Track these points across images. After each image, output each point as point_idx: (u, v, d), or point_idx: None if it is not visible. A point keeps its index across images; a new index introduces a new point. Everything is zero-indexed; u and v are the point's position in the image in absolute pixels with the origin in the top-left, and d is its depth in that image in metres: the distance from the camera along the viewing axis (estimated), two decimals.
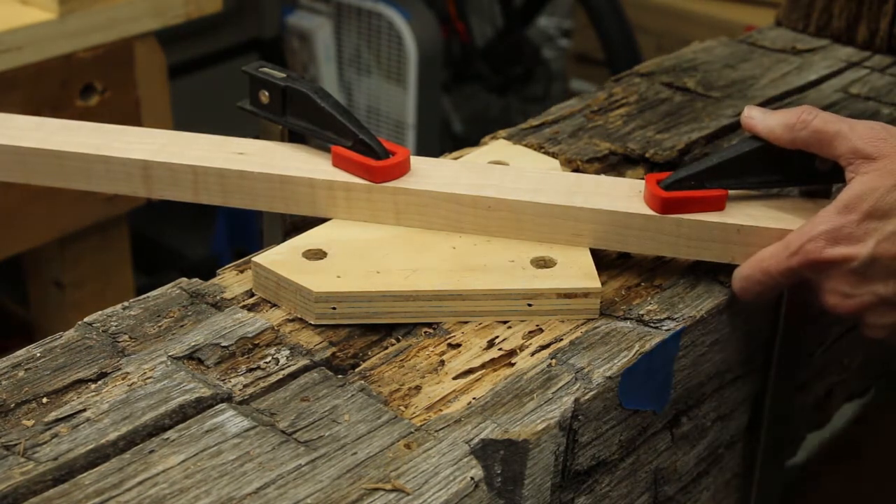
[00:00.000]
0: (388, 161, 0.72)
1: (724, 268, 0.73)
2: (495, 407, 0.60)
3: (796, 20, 1.17)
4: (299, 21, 2.56)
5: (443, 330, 0.67)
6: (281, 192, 0.73)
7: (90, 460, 0.54)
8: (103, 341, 0.63)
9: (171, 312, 0.66)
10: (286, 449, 0.56)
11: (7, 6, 1.25)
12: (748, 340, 0.77)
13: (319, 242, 0.70)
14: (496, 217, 0.72)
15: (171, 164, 0.73)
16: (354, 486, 0.54)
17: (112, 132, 0.77)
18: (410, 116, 2.51)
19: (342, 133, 0.73)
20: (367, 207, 0.73)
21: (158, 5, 1.33)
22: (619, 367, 0.64)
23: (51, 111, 1.25)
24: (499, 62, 2.90)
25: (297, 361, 0.62)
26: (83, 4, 1.26)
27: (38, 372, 0.60)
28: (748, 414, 0.82)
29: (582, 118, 0.94)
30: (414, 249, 0.71)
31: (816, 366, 0.90)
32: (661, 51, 1.32)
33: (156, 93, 1.38)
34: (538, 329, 0.67)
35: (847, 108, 0.99)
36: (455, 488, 0.55)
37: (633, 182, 0.74)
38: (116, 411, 0.57)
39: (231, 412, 0.58)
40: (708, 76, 1.03)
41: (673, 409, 0.72)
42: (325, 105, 0.73)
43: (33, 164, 0.75)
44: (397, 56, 2.49)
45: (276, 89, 0.74)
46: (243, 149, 0.75)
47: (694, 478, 0.78)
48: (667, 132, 0.92)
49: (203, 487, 0.53)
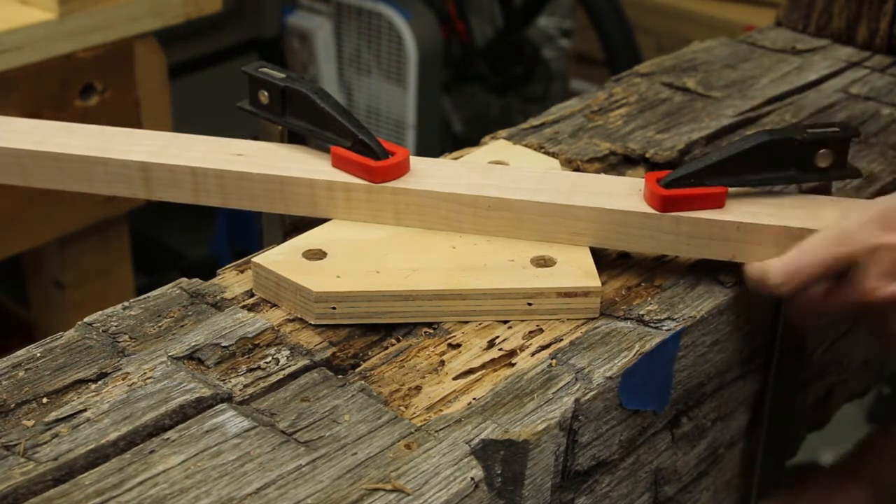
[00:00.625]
0: (387, 161, 0.72)
1: (724, 267, 0.73)
2: (495, 407, 0.60)
3: (796, 20, 1.17)
4: (299, 21, 2.56)
5: (443, 330, 0.67)
6: (280, 193, 0.73)
7: (90, 460, 0.54)
8: (103, 341, 0.63)
9: (172, 312, 0.66)
10: (286, 449, 0.56)
11: (7, 6, 1.25)
12: (748, 340, 0.77)
13: (319, 242, 0.70)
14: (496, 217, 0.72)
15: (170, 166, 0.73)
16: (355, 487, 0.54)
17: (111, 134, 0.77)
18: (410, 116, 2.51)
19: (342, 133, 0.73)
20: (366, 208, 0.73)
21: (158, 5, 1.33)
22: (620, 367, 0.64)
23: (51, 111, 1.25)
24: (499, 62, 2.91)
25: (298, 361, 0.62)
26: (83, 4, 1.26)
27: (38, 372, 0.60)
28: (748, 414, 0.82)
29: (582, 118, 0.94)
30: (414, 249, 0.71)
31: (816, 366, 0.90)
32: (661, 51, 1.32)
33: (156, 93, 1.38)
34: (538, 329, 0.67)
35: (847, 108, 0.99)
36: (455, 488, 0.55)
37: (634, 181, 0.74)
38: (117, 411, 0.57)
39: (231, 412, 0.58)
40: (708, 76, 1.03)
41: (673, 410, 0.72)
42: (325, 105, 0.73)
43: (32, 167, 0.75)
44: (397, 56, 2.49)
45: (275, 89, 0.74)
46: (242, 150, 0.75)
47: (694, 478, 0.78)
48: (667, 132, 0.92)
49: (203, 487, 0.53)
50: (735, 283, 0.73)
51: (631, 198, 0.72)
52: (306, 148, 0.76)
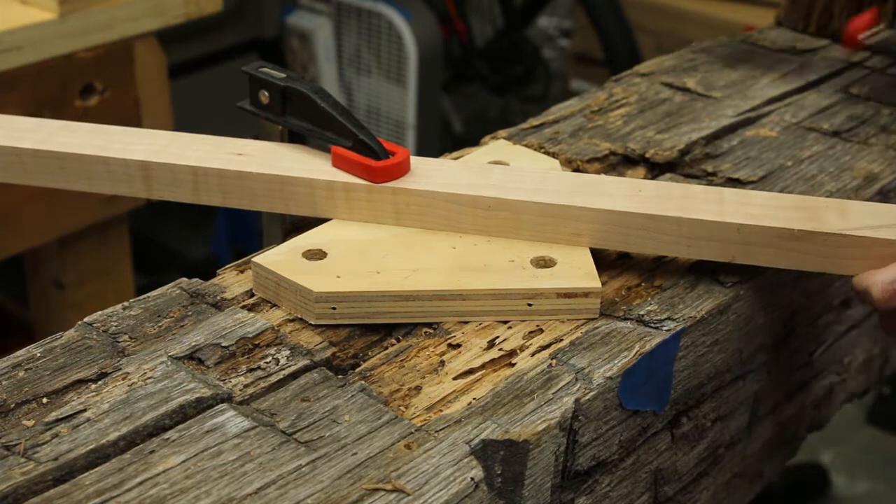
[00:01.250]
0: (387, 161, 0.72)
1: (724, 268, 0.73)
2: (495, 407, 0.60)
3: (796, 20, 1.17)
4: (299, 21, 2.56)
5: (443, 330, 0.67)
6: (281, 193, 0.73)
7: (90, 460, 0.54)
8: (103, 341, 0.63)
9: (172, 312, 0.66)
10: (286, 449, 0.56)
11: (7, 6, 1.25)
12: (748, 340, 0.77)
13: (319, 242, 0.70)
14: (496, 217, 0.72)
15: (170, 165, 0.73)
16: (355, 487, 0.54)
17: (112, 133, 0.77)
18: (410, 116, 2.51)
19: (342, 133, 0.73)
20: (366, 208, 0.73)
21: (158, 5, 1.33)
22: (620, 367, 0.64)
23: (51, 111, 1.25)
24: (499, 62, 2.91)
25: (298, 361, 0.62)
26: (83, 4, 1.26)
27: (39, 372, 0.60)
28: (748, 414, 0.82)
29: (582, 118, 0.94)
30: (414, 249, 0.71)
31: (816, 366, 0.90)
32: (661, 51, 1.32)
33: (156, 93, 1.38)
34: (538, 329, 0.67)
35: (847, 108, 0.99)
36: (455, 488, 0.55)
37: (634, 182, 0.74)
38: (117, 411, 0.57)
39: (231, 412, 0.58)
40: (708, 76, 1.03)
41: (673, 410, 0.72)
42: (325, 105, 0.73)
43: (33, 166, 0.75)
44: (397, 56, 2.49)
45: (275, 89, 0.74)
46: (243, 149, 0.75)
47: (694, 478, 0.78)
48: (667, 132, 0.92)
49: (203, 488, 0.53)
50: (735, 283, 0.73)
51: (631, 199, 0.72)
52: (307, 148, 0.76)
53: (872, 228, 0.70)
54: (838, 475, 2.17)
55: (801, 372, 0.89)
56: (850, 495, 2.15)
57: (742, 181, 0.84)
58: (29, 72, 1.23)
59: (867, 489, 2.17)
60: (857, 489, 2.17)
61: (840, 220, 0.70)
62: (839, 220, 0.70)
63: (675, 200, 0.72)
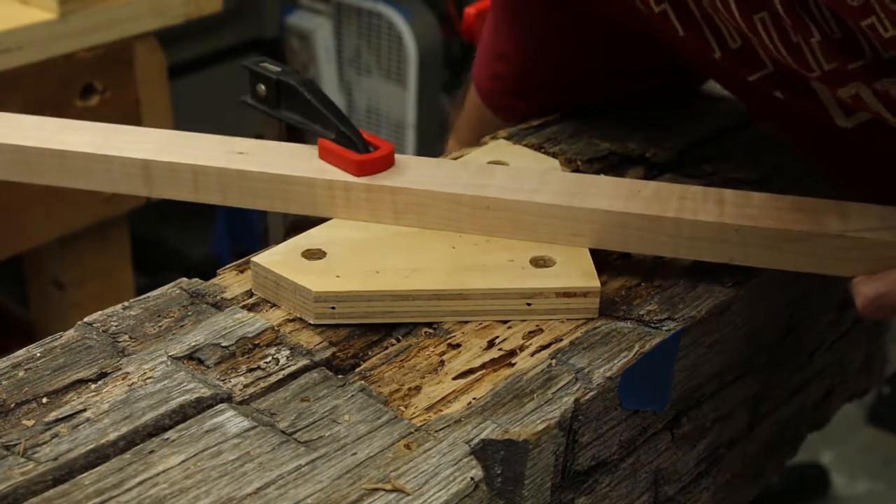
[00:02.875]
0: (370, 155, 0.72)
1: (724, 268, 0.73)
2: (495, 407, 0.60)
3: None
4: (299, 21, 2.56)
5: (443, 330, 0.67)
6: (280, 192, 0.73)
7: (90, 460, 0.54)
8: (103, 341, 0.63)
9: (172, 312, 0.66)
10: (286, 449, 0.56)
11: (7, 6, 1.25)
12: (748, 340, 0.77)
13: (319, 242, 0.70)
14: (496, 217, 0.72)
15: (171, 164, 0.74)
16: (354, 487, 0.54)
17: (113, 132, 0.77)
18: (410, 116, 2.51)
19: (327, 126, 0.73)
20: (366, 207, 0.73)
21: (158, 5, 1.33)
22: (620, 367, 0.64)
23: (51, 111, 1.24)
24: None
25: (298, 361, 0.62)
26: (83, 4, 1.26)
27: (38, 372, 0.60)
28: (748, 414, 0.82)
29: (582, 118, 0.94)
30: (413, 249, 0.71)
31: (816, 366, 0.90)
32: None
33: (156, 93, 1.38)
34: (538, 329, 0.67)
35: None
36: (455, 488, 0.55)
37: (634, 182, 0.74)
38: (116, 411, 0.57)
39: (231, 412, 0.58)
40: None
41: (673, 410, 0.72)
42: (311, 97, 0.74)
43: (35, 164, 0.75)
44: (397, 56, 2.49)
45: (270, 82, 0.76)
46: (243, 148, 0.75)
47: (694, 478, 0.78)
48: (667, 132, 0.92)
49: (203, 487, 0.53)
50: (735, 283, 0.73)
51: (631, 199, 0.72)
52: (308, 147, 0.76)
53: (872, 230, 0.70)
54: (838, 475, 2.17)
55: (801, 372, 0.89)
56: (850, 495, 2.16)
57: (742, 181, 0.84)
58: (29, 72, 1.23)
59: (867, 489, 2.17)
60: (857, 489, 2.17)
61: (840, 222, 0.70)
62: (839, 221, 0.70)
63: (675, 201, 0.72)
